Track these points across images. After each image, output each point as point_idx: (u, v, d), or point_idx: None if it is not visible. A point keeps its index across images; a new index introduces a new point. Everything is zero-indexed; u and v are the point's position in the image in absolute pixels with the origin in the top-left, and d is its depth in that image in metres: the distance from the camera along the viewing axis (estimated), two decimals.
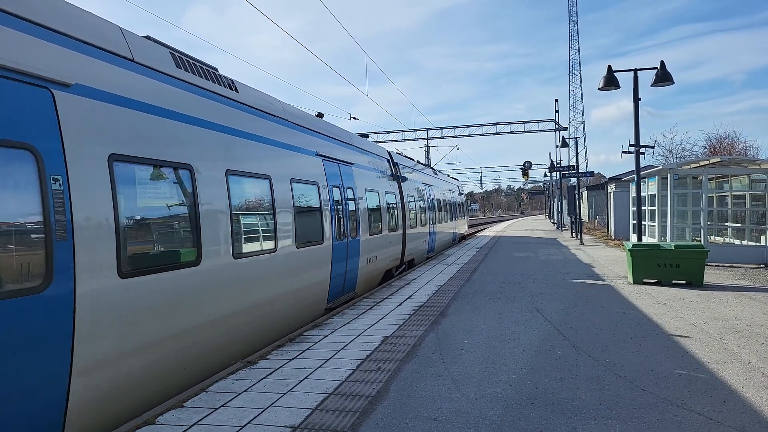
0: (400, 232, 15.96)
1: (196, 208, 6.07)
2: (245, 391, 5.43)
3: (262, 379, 5.80)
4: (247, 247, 7.18)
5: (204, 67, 7.20)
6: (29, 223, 4.10)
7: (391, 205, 15.05)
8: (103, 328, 4.67)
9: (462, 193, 34.65)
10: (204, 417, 4.76)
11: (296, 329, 8.54)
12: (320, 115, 12.03)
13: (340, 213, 10.86)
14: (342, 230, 10.86)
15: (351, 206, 11.59)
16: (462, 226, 32.29)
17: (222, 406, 5.02)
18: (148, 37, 6.42)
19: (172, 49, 6.70)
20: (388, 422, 4.60)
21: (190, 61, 6.90)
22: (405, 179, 17.42)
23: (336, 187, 10.81)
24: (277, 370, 6.11)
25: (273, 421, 4.63)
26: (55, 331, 4.20)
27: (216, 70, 7.57)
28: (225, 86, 7.48)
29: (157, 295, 5.39)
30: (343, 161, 11.68)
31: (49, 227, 4.16)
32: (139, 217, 5.39)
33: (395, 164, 16.83)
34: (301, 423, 4.58)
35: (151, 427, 4.56)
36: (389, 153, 17.02)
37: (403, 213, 16.41)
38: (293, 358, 6.55)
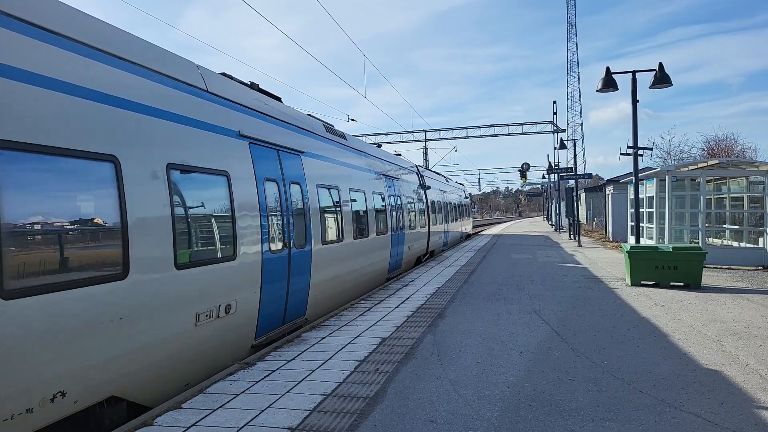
0: (426, 229, 20.53)
1: (341, 209, 10.91)
2: (243, 392, 5.43)
3: (260, 380, 5.80)
4: (358, 234, 11.87)
5: (330, 125, 11.99)
6: (301, 215, 8.84)
7: (420, 209, 19.66)
8: (317, 267, 9.29)
9: (467, 197, 38.48)
10: (202, 418, 4.75)
11: (372, 289, 12.51)
12: (379, 145, 18.27)
13: (394, 213, 15.40)
14: (395, 225, 15.38)
15: (399, 209, 16.11)
16: (468, 225, 37.09)
17: (220, 407, 5.02)
18: (310, 115, 11.17)
19: (323, 121, 11.74)
20: (385, 424, 4.60)
21: (327, 125, 11.81)
22: (428, 187, 21.81)
23: (391, 195, 15.46)
24: (275, 371, 6.11)
25: (271, 423, 4.63)
26: (308, 265, 8.93)
27: (333, 126, 12.27)
28: (339, 137, 12.20)
29: (331, 255, 10.06)
30: (393, 177, 16.31)
31: (307, 218, 9.04)
32: (325, 214, 9.95)
33: (421, 176, 21.32)
34: (299, 424, 4.58)
35: (150, 428, 4.55)
36: (417, 167, 21.51)
37: (428, 214, 20.94)
38: (291, 360, 6.55)
